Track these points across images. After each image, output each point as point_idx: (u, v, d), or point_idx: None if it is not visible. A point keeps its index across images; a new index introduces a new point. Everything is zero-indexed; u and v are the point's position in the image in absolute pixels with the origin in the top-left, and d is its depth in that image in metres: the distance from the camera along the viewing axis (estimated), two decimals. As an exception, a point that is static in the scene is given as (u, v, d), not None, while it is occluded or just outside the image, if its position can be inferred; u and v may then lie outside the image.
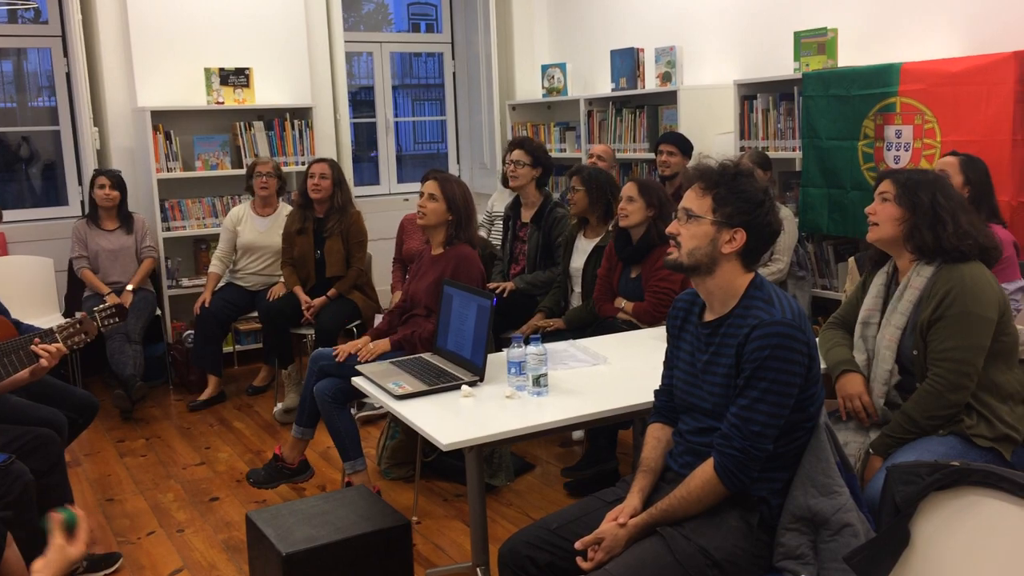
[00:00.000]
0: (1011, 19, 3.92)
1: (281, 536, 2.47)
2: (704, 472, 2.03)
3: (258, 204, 5.18)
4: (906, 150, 4.09)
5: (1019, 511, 1.58)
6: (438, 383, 2.74)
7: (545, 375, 2.65)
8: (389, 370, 2.93)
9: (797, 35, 4.64)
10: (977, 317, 2.37)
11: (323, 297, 4.69)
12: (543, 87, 6.43)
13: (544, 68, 6.42)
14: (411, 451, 3.74)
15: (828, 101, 4.39)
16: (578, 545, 2.05)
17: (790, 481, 2.07)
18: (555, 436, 4.14)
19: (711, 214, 2.07)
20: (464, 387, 2.70)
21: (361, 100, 7.95)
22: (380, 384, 2.78)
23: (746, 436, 1.99)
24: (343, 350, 3.49)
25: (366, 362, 3.29)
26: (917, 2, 4.30)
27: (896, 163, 4.14)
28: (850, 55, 4.50)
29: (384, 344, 3.47)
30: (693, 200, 2.11)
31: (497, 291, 4.29)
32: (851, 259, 3.96)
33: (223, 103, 5.66)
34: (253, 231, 5.13)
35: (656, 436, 2.27)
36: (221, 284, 5.17)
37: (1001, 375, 2.43)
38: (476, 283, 3.36)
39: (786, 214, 4.28)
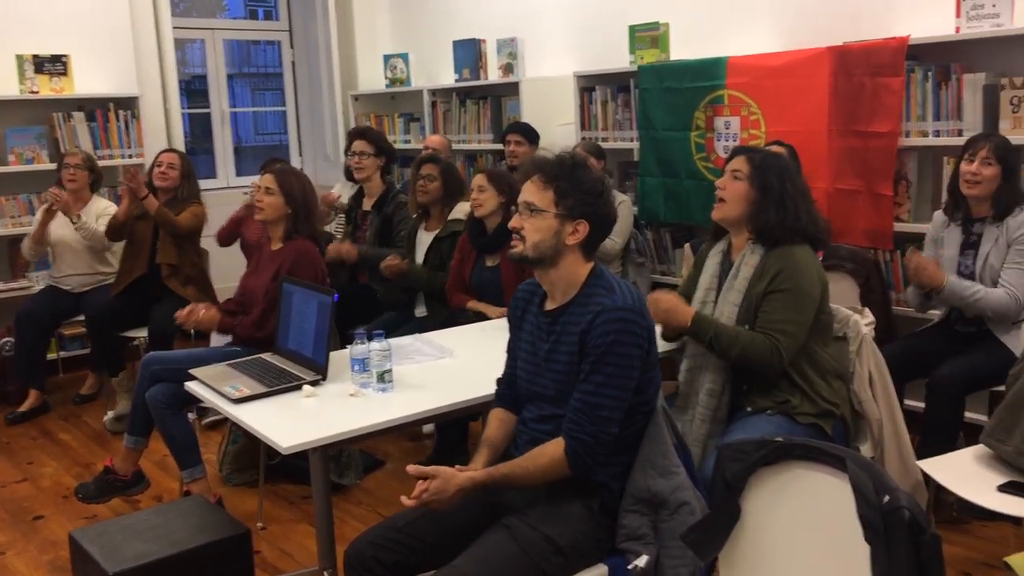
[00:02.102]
0: (826, 15, 4.17)
1: (108, 555, 2.31)
2: (554, 450, 2.04)
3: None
4: (734, 140, 4.28)
5: (836, 481, 1.67)
6: (278, 384, 2.64)
7: (390, 371, 2.61)
8: (226, 373, 2.80)
9: (632, 28, 4.77)
10: (806, 295, 2.51)
11: (153, 200, 4.36)
12: (386, 77, 6.34)
13: (386, 58, 6.34)
14: (254, 455, 3.60)
15: (662, 93, 4.54)
16: (411, 471, 1.99)
17: (630, 464, 2.12)
18: (405, 431, 4.09)
19: (554, 207, 2.08)
20: (306, 387, 2.62)
21: (196, 89, 7.59)
22: (216, 388, 2.65)
23: (595, 421, 2.02)
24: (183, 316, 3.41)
25: (198, 330, 3.30)
26: (741, -2, 4.52)
27: (726, 153, 4.32)
28: (681, 49, 4.67)
29: (214, 314, 3.37)
30: (534, 193, 2.11)
31: (340, 254, 4.20)
32: (687, 245, 4.13)
33: (38, 93, 5.26)
34: (64, 227, 4.79)
35: (499, 418, 2.28)
36: (42, 286, 4.82)
37: (820, 350, 2.58)
38: (316, 279, 3.26)
39: (622, 198, 4.39)
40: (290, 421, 2.42)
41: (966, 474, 2.47)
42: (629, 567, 2.05)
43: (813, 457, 1.73)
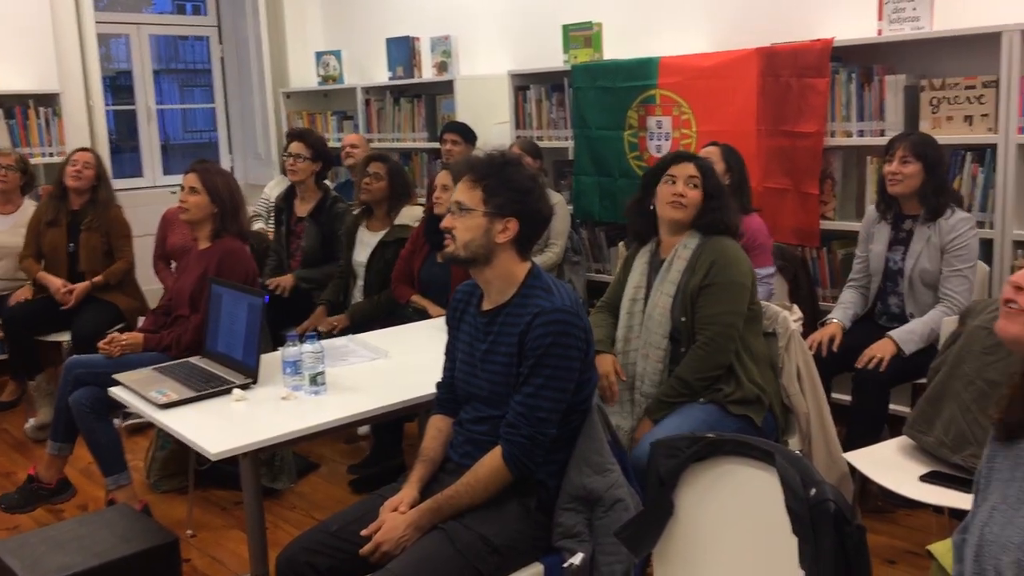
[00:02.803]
0: (755, 17, 4.24)
1: (29, 567, 2.23)
2: (493, 460, 2.05)
3: None
4: (666, 140, 4.34)
5: (765, 475, 1.71)
6: (207, 388, 2.58)
7: (322, 373, 2.58)
8: (152, 377, 2.73)
9: (565, 28, 4.79)
10: (739, 285, 2.62)
11: (86, 282, 4.28)
12: (318, 75, 6.26)
13: (319, 55, 6.25)
14: (184, 461, 3.51)
15: (596, 92, 4.57)
16: (364, 533, 2.01)
17: (566, 462, 2.13)
18: (340, 433, 4.03)
19: (483, 205, 2.07)
20: (236, 390, 2.57)
21: (121, 85, 7.38)
22: (141, 393, 2.58)
23: (532, 423, 2.03)
24: (105, 348, 3.28)
25: (115, 357, 3.16)
26: (672, -1, 4.57)
27: (658, 152, 4.37)
28: (614, 49, 4.71)
29: (136, 337, 3.27)
30: (464, 192, 2.11)
31: (276, 290, 4.12)
32: (621, 244, 4.16)
33: (-48, 88, 5.07)
34: None
35: (437, 427, 2.27)
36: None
37: (753, 338, 2.66)
38: (245, 279, 3.20)
39: (558, 199, 4.41)
40: (219, 426, 2.37)
41: (890, 465, 2.55)
42: (564, 565, 2.06)
43: (743, 452, 1.76)
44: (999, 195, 3.39)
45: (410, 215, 4.04)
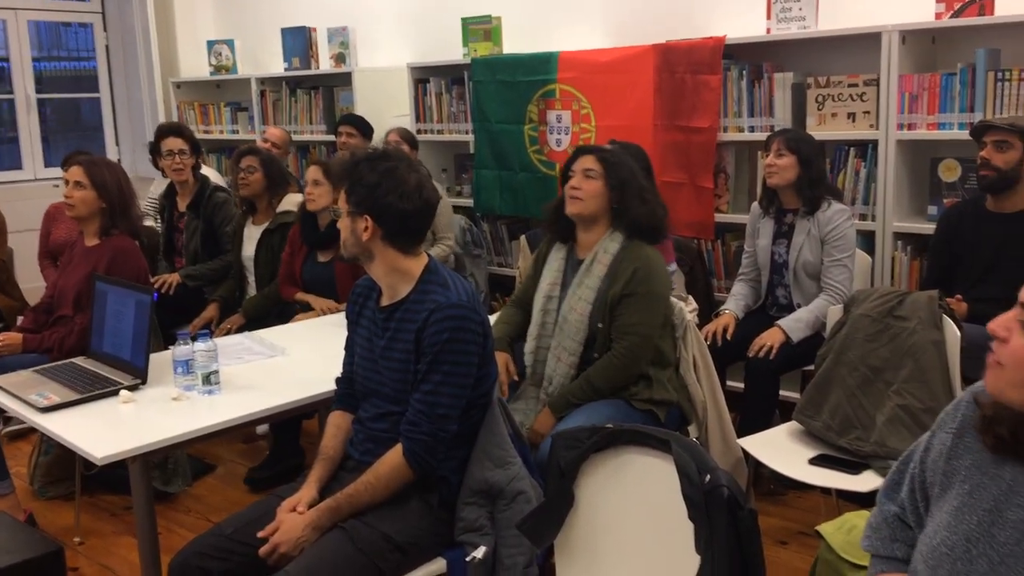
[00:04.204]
0: (651, 14, 4.32)
1: None
2: (393, 458, 2.03)
3: None
4: (566, 134, 4.38)
5: (661, 463, 1.74)
6: (92, 390, 2.47)
7: (216, 372, 2.50)
8: (33, 380, 2.60)
9: (465, 21, 4.77)
10: (659, 296, 2.62)
11: None
12: (210, 64, 6.06)
13: (210, 44, 6.05)
14: (69, 466, 3.35)
15: (496, 86, 4.57)
16: (262, 535, 1.97)
17: (468, 457, 2.13)
18: (237, 433, 3.93)
19: (346, 206, 2.09)
20: (123, 392, 2.47)
21: (-1, 74, 6.98)
22: (21, 397, 2.45)
23: (433, 420, 2.01)
24: None
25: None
26: (570, -6, 4.61)
27: (558, 146, 4.41)
28: (514, 42, 4.72)
29: (15, 338, 3.10)
30: (339, 196, 2.13)
31: (162, 289, 3.97)
32: (523, 237, 4.17)
33: None
34: None
35: (336, 424, 2.24)
36: None
37: (663, 343, 2.68)
38: (137, 278, 3.07)
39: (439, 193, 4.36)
40: (106, 429, 2.28)
41: (781, 449, 2.65)
42: (467, 559, 2.05)
43: (641, 441, 1.79)
44: (880, 189, 3.55)
45: (292, 201, 3.98)
